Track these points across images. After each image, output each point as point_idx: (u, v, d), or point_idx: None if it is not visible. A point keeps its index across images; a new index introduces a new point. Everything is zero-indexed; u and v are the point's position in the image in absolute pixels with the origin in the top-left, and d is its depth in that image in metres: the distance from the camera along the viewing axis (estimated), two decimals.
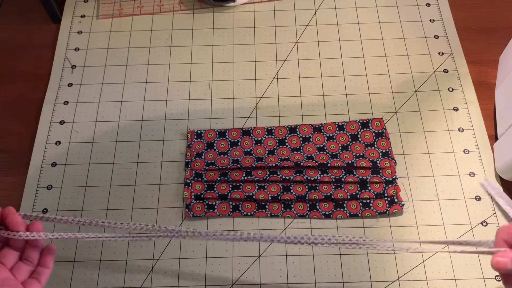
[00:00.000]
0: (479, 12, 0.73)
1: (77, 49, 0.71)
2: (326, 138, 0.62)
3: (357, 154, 0.61)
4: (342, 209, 0.57)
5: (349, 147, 0.62)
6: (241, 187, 0.59)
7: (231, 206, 0.58)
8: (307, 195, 0.58)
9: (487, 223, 0.56)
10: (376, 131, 0.62)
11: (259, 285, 0.54)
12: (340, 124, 0.63)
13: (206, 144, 0.62)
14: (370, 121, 0.63)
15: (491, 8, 0.73)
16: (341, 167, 0.60)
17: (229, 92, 0.67)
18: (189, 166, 0.60)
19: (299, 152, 0.61)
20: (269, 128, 0.63)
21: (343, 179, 0.58)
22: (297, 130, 0.63)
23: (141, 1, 0.75)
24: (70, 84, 0.68)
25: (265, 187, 0.59)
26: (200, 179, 0.59)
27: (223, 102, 0.66)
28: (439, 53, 0.69)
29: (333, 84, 0.67)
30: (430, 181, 0.59)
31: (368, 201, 0.57)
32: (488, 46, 0.69)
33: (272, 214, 0.57)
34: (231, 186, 0.59)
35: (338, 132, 0.63)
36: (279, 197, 0.58)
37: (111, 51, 0.71)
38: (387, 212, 0.57)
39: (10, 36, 0.74)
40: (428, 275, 0.54)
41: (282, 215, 0.57)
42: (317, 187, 0.58)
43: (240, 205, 0.58)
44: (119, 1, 0.76)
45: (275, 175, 0.59)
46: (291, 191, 0.58)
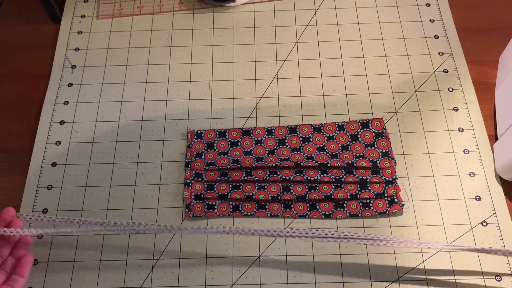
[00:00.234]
0: (479, 12, 0.73)
1: (77, 49, 0.71)
2: (326, 138, 0.62)
3: (357, 154, 0.61)
4: (342, 209, 0.57)
5: (349, 147, 0.62)
6: (241, 187, 0.59)
7: (231, 206, 0.58)
8: (307, 195, 0.58)
9: (487, 223, 0.56)
10: (376, 131, 0.62)
11: (259, 285, 0.54)
12: (340, 124, 0.63)
13: (206, 144, 0.62)
14: (370, 121, 0.63)
15: (491, 8, 0.73)
16: (341, 167, 0.60)
17: (229, 92, 0.67)
18: (189, 166, 0.60)
19: (299, 152, 0.61)
20: (269, 128, 0.63)
21: (343, 179, 0.58)
22: (297, 130, 0.63)
23: (141, 1, 0.75)
24: (70, 84, 0.68)
25: (265, 187, 0.59)
26: (200, 179, 0.59)
27: (223, 102, 0.66)
28: (439, 53, 0.69)
29: (333, 84, 0.67)
30: (430, 181, 0.59)
31: (368, 201, 0.57)
32: (488, 46, 0.69)
33: (272, 214, 0.57)
34: (231, 186, 0.59)
35: (338, 132, 0.63)
36: (279, 197, 0.58)
37: (111, 51, 0.71)
38: (387, 212, 0.57)
39: (10, 36, 0.74)
40: (428, 275, 0.54)
41: (282, 215, 0.57)
42: (317, 187, 0.58)
43: (240, 205, 0.58)
44: (119, 1, 0.76)
45: (275, 175, 0.59)
46: (291, 191, 0.58)
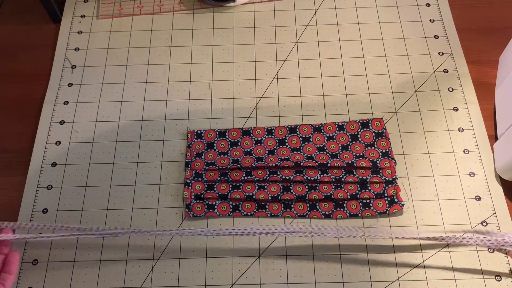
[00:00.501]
0: (479, 12, 0.73)
1: (77, 49, 0.71)
2: (326, 138, 0.62)
3: (357, 154, 0.61)
4: (342, 209, 0.57)
5: (349, 147, 0.62)
6: (241, 187, 0.59)
7: (231, 206, 0.58)
8: (307, 195, 0.58)
9: (487, 223, 0.56)
10: (376, 131, 0.62)
11: (259, 285, 0.54)
12: (340, 124, 0.63)
13: (206, 144, 0.62)
14: (370, 121, 0.63)
15: (491, 8, 0.73)
16: (341, 167, 0.60)
17: (229, 92, 0.67)
18: (189, 166, 0.60)
19: (299, 152, 0.61)
20: (269, 128, 0.63)
21: (343, 179, 0.58)
22: (297, 130, 0.63)
23: (141, 1, 0.75)
24: (70, 84, 0.68)
25: (265, 187, 0.59)
26: (200, 179, 0.59)
27: (223, 102, 0.66)
28: (439, 53, 0.69)
29: (333, 84, 0.67)
30: (430, 181, 0.59)
31: (368, 201, 0.57)
32: (488, 46, 0.69)
33: (272, 214, 0.57)
34: (231, 186, 0.59)
35: (338, 132, 0.63)
36: (279, 197, 0.58)
37: (111, 51, 0.71)
38: (387, 212, 0.57)
39: (10, 36, 0.74)
40: (428, 275, 0.54)
41: (282, 215, 0.57)
42: (317, 187, 0.58)
43: (240, 205, 0.58)
44: (119, 1, 0.76)
45: (275, 175, 0.59)
46: (291, 191, 0.58)
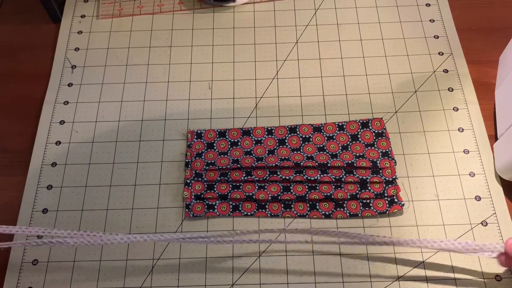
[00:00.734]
0: (479, 12, 0.73)
1: (77, 49, 0.71)
2: (326, 138, 0.62)
3: (357, 154, 0.61)
4: (342, 209, 0.57)
5: (349, 147, 0.62)
6: (241, 187, 0.59)
7: (231, 206, 0.58)
8: (307, 195, 0.58)
9: (487, 223, 0.56)
10: (376, 131, 0.62)
11: (259, 285, 0.54)
12: (340, 124, 0.63)
13: (206, 144, 0.62)
14: (370, 121, 0.63)
15: (491, 8, 0.73)
16: (341, 167, 0.60)
17: (229, 92, 0.67)
18: (189, 166, 0.60)
19: (299, 152, 0.61)
20: (269, 128, 0.63)
21: (343, 179, 0.58)
22: (297, 130, 0.63)
23: (141, 1, 0.75)
24: (70, 84, 0.68)
25: (265, 187, 0.59)
26: (200, 179, 0.59)
27: (223, 102, 0.66)
28: (439, 53, 0.69)
29: (333, 84, 0.67)
30: (430, 181, 0.59)
31: (368, 201, 0.57)
32: (488, 46, 0.69)
33: (272, 214, 0.57)
34: (231, 186, 0.59)
35: (338, 132, 0.63)
36: (279, 197, 0.58)
37: (111, 51, 0.71)
38: (387, 212, 0.57)
39: (10, 36, 0.73)
40: (428, 275, 0.54)
41: (282, 215, 0.57)
42: (317, 187, 0.58)
43: (240, 205, 0.58)
44: (119, 1, 0.76)
45: (275, 175, 0.59)
46: (291, 191, 0.58)
